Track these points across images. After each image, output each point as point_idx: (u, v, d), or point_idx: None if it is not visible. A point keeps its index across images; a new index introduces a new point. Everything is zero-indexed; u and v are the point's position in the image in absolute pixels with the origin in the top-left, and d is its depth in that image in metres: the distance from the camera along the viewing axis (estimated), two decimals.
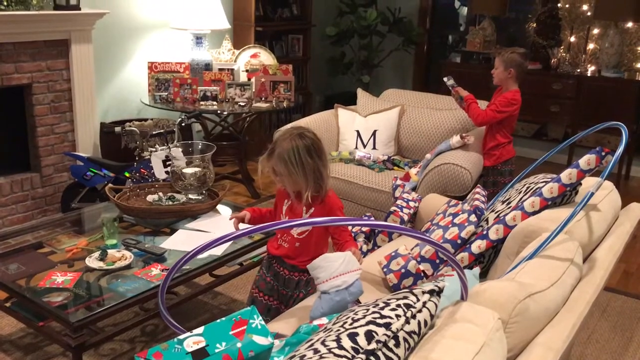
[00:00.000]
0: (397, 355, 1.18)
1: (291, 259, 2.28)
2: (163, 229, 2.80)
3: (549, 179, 2.22)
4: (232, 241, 2.19)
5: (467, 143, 3.64)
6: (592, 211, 2.08)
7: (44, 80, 3.93)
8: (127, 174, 3.68)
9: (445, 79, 3.68)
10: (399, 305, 1.27)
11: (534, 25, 5.66)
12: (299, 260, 2.25)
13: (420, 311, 1.28)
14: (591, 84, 5.12)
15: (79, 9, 3.93)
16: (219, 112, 4.47)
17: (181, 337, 1.27)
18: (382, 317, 1.23)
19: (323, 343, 1.17)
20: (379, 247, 2.91)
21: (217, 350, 1.25)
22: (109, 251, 2.48)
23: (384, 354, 1.15)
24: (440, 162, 3.47)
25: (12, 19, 3.60)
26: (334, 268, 1.90)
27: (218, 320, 1.33)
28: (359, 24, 6.09)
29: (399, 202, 3.07)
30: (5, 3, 3.56)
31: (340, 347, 1.14)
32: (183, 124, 3.78)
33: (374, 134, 4.08)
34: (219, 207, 3.00)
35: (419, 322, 1.26)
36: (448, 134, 3.91)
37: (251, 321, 1.33)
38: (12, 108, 3.95)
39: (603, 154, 2.07)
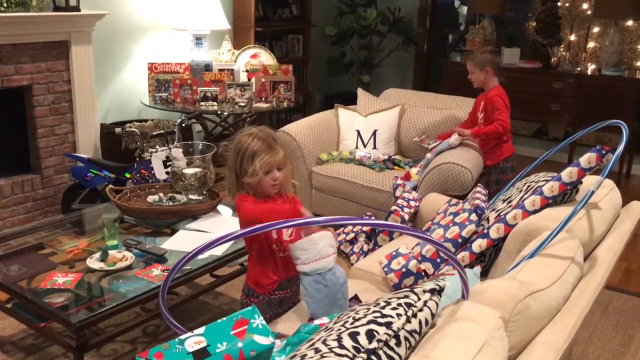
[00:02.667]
0: (398, 354, 1.18)
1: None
2: (164, 229, 2.80)
3: (550, 178, 2.22)
4: (232, 241, 2.19)
5: (466, 141, 3.64)
6: (593, 210, 2.07)
7: (44, 82, 3.94)
8: (127, 175, 3.68)
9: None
10: (400, 304, 1.27)
11: (534, 24, 5.66)
12: None
13: (421, 310, 1.28)
14: (591, 83, 5.11)
15: (79, 10, 3.93)
16: (219, 112, 4.47)
17: (182, 337, 1.27)
18: (383, 316, 1.23)
19: (324, 342, 1.17)
20: (379, 246, 2.91)
21: (218, 350, 1.25)
22: (110, 252, 2.48)
23: (385, 353, 1.15)
24: (440, 161, 3.47)
25: (12, 20, 3.60)
26: (317, 251, 1.88)
27: (219, 320, 1.33)
28: (358, 24, 6.09)
29: (399, 201, 3.07)
30: (5, 4, 3.56)
31: (342, 347, 1.14)
32: (183, 125, 3.79)
33: (374, 133, 4.08)
34: (220, 207, 3.00)
35: (420, 321, 1.26)
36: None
37: (252, 321, 1.33)
38: (12, 109, 3.95)
39: (603, 152, 2.06)
